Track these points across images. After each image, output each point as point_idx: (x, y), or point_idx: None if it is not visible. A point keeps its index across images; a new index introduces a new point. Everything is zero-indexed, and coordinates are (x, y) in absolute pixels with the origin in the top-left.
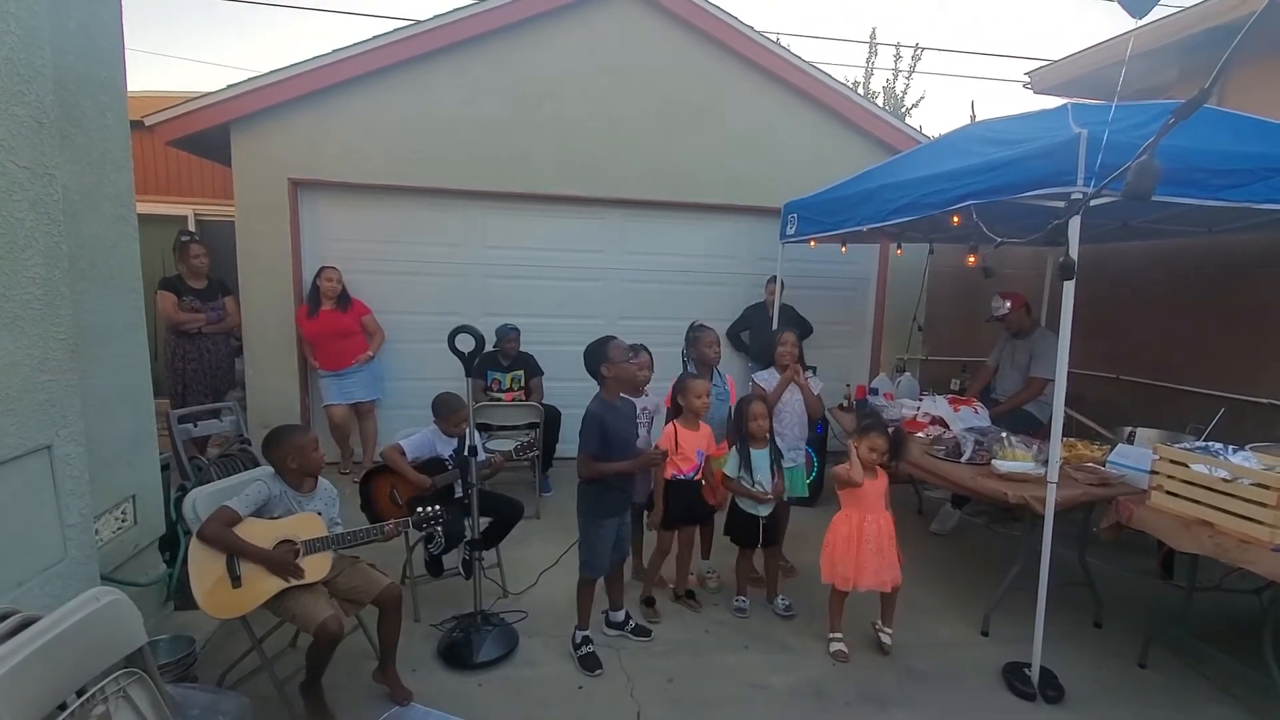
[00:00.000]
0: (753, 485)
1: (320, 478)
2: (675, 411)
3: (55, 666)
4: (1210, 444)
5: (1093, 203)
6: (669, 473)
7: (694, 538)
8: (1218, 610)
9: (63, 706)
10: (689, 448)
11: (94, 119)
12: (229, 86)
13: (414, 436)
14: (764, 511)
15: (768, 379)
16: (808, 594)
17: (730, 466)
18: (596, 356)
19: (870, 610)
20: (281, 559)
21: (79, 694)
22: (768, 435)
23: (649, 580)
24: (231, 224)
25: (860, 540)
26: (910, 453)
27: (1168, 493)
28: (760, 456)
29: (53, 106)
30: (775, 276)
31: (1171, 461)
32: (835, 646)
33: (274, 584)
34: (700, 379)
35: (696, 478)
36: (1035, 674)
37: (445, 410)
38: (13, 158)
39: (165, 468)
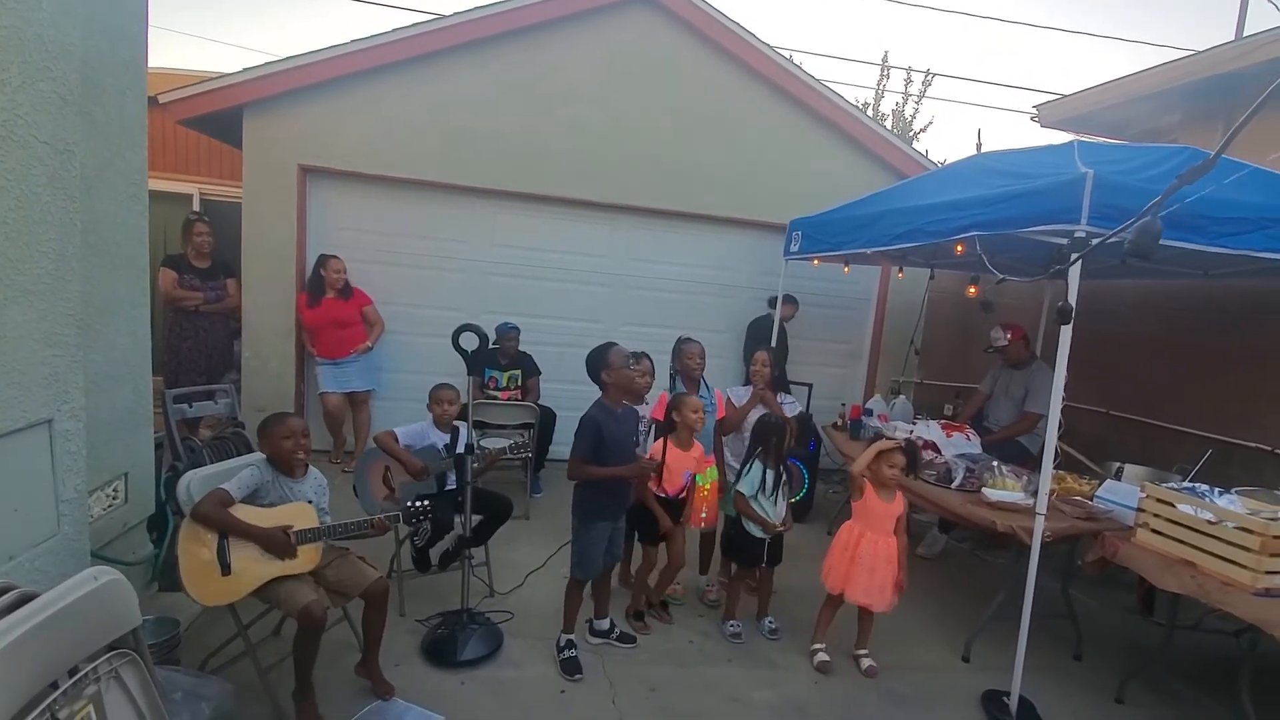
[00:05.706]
0: (766, 513)
1: (311, 467)
2: (668, 427)
3: (50, 645)
4: (1197, 485)
5: (1093, 241)
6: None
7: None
8: (1196, 650)
9: (54, 685)
10: (678, 467)
11: (114, 98)
12: (245, 70)
13: (409, 426)
14: (767, 535)
15: (742, 395)
16: (791, 611)
17: (747, 486)
18: (597, 361)
19: (852, 632)
20: (277, 536)
21: (71, 673)
22: (781, 458)
23: (637, 594)
24: (236, 205)
25: (855, 553)
26: (922, 465)
27: (1153, 531)
28: (770, 478)
29: (77, 84)
30: (788, 296)
31: (1158, 500)
32: (819, 658)
33: (263, 572)
34: (694, 396)
35: (680, 497)
36: (1014, 703)
37: (432, 393)
38: (35, 133)
39: (158, 447)
